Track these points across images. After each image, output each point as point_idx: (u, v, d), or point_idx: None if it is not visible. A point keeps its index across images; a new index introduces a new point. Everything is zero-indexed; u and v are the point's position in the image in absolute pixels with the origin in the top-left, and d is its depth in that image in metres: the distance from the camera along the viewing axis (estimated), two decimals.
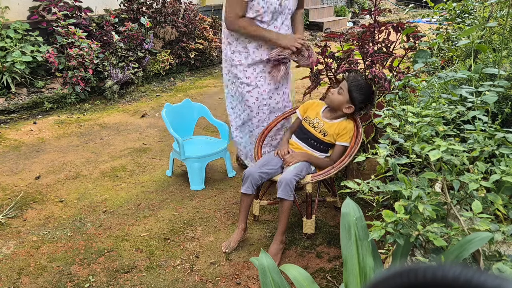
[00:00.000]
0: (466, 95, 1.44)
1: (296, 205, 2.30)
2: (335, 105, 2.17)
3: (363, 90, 2.13)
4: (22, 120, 3.96)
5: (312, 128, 2.21)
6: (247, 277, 1.94)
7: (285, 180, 1.99)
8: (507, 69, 1.77)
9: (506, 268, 0.89)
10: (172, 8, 5.49)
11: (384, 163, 1.17)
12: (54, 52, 4.35)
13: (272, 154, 2.24)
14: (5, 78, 4.16)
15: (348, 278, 1.06)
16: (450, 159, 1.10)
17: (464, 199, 1.12)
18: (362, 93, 2.13)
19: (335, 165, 2.12)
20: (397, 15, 10.60)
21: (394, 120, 1.31)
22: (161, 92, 4.95)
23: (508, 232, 0.96)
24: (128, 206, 2.54)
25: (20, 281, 1.90)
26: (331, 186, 2.42)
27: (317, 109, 2.27)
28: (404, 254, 1.08)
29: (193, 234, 2.26)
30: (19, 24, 4.35)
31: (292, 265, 1.17)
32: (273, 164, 2.17)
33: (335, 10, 9.98)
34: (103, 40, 4.79)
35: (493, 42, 2.34)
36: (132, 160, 3.16)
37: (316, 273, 1.96)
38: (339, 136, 2.17)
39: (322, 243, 2.18)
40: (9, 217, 2.39)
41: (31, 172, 2.95)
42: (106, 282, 1.90)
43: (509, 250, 1.04)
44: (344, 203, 1.19)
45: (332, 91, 2.18)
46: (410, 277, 0.33)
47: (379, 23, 2.45)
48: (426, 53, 2.00)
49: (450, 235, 1.00)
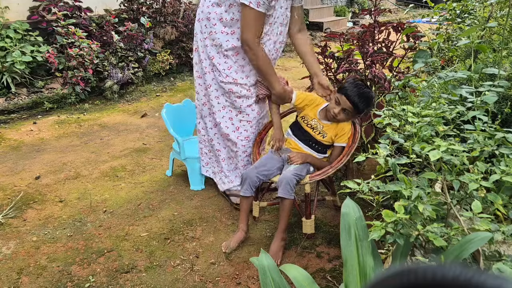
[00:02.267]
0: (466, 95, 1.44)
1: (295, 205, 2.30)
2: (341, 121, 2.13)
3: (368, 99, 2.04)
4: (22, 120, 3.96)
5: (311, 130, 2.19)
6: (247, 277, 1.94)
7: (285, 179, 1.99)
8: (507, 69, 1.77)
9: (506, 268, 0.89)
10: (172, 8, 5.49)
11: (384, 163, 1.17)
12: (54, 52, 4.35)
13: (270, 155, 2.23)
14: (5, 78, 4.16)
15: (348, 278, 1.06)
16: (450, 159, 1.10)
17: (464, 199, 1.12)
18: (368, 102, 2.06)
19: (332, 165, 2.12)
20: (397, 15, 10.60)
21: (394, 120, 1.31)
22: (161, 92, 4.95)
23: (508, 232, 0.96)
24: (128, 206, 2.54)
25: (20, 281, 1.90)
26: (330, 185, 2.42)
27: (316, 109, 2.22)
28: (404, 254, 1.08)
29: (193, 234, 2.26)
30: (19, 24, 4.35)
31: (292, 265, 1.17)
32: (270, 165, 2.16)
33: (335, 10, 9.98)
34: (103, 40, 4.78)
35: (493, 42, 2.34)
36: (132, 160, 3.16)
37: (316, 273, 1.96)
38: (337, 137, 2.16)
39: (322, 243, 2.18)
40: (9, 217, 2.39)
41: (31, 172, 2.95)
42: (106, 282, 1.90)
43: (509, 250, 1.04)
44: (344, 203, 1.19)
45: (337, 112, 2.06)
46: (410, 277, 0.33)
47: (379, 23, 2.45)
48: (426, 53, 2.00)
49: (450, 235, 1.00)
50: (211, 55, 2.25)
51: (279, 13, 2.17)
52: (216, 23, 2.17)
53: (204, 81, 2.36)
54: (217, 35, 2.18)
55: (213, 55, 2.24)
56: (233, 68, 2.23)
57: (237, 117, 2.35)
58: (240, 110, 2.33)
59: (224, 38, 2.18)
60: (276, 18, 2.17)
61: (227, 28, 2.16)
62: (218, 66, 2.24)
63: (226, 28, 2.16)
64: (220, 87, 2.29)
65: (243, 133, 2.37)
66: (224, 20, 2.14)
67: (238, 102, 2.30)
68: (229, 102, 2.32)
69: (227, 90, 2.27)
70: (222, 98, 2.32)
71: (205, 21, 2.21)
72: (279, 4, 2.14)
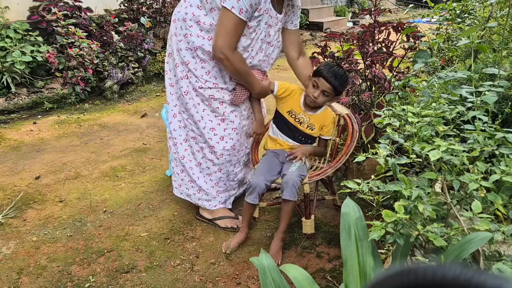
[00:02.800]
0: (466, 95, 1.44)
1: (295, 205, 2.30)
2: (321, 104, 2.13)
3: (343, 78, 2.06)
4: (22, 120, 3.96)
5: (299, 124, 2.16)
6: (247, 277, 1.94)
7: (291, 180, 1.97)
8: (507, 69, 1.78)
9: (506, 268, 0.89)
10: (172, 8, 5.48)
11: (384, 163, 1.17)
12: (54, 52, 4.35)
13: (271, 158, 2.19)
14: (5, 78, 4.16)
15: (348, 278, 1.06)
16: (450, 159, 1.10)
17: (464, 199, 1.12)
18: (344, 82, 2.08)
19: (331, 165, 2.12)
20: (397, 15, 10.60)
21: (394, 120, 1.31)
22: (161, 92, 4.95)
23: (508, 232, 0.96)
24: (128, 206, 2.53)
25: (20, 281, 1.90)
26: (329, 185, 2.42)
27: (298, 101, 2.18)
28: (404, 254, 1.08)
29: (193, 234, 2.26)
30: (19, 24, 4.35)
31: (292, 265, 1.17)
32: (275, 169, 2.14)
33: (335, 10, 9.98)
34: (103, 40, 4.78)
35: (493, 42, 2.34)
36: (132, 160, 3.16)
37: (316, 273, 1.96)
38: (323, 128, 2.18)
39: (322, 243, 2.18)
40: (9, 217, 2.39)
41: (31, 172, 2.95)
42: (106, 282, 1.90)
43: (509, 250, 1.04)
44: (344, 203, 1.19)
45: (316, 95, 2.05)
46: (410, 277, 0.33)
47: (379, 23, 2.45)
48: (426, 53, 2.00)
49: (450, 235, 1.00)
50: (186, 59, 2.04)
51: (262, 28, 2.00)
52: (192, 25, 1.98)
53: (177, 89, 2.15)
54: (193, 38, 1.98)
55: (188, 60, 2.04)
56: (211, 73, 2.05)
57: (220, 126, 2.13)
58: (223, 117, 2.12)
59: (199, 42, 1.98)
60: (259, 33, 2.00)
61: (203, 33, 1.97)
62: (195, 72, 2.04)
63: (203, 33, 1.97)
64: (199, 94, 2.08)
65: (229, 143, 2.17)
66: (202, 24, 1.96)
67: (221, 108, 2.11)
68: (210, 110, 2.12)
69: (208, 97, 2.07)
70: (201, 106, 2.11)
71: (180, 22, 2.02)
72: (264, 20, 1.98)
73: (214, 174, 2.25)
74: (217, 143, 2.15)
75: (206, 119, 2.13)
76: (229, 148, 2.18)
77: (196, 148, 2.22)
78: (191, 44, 2.00)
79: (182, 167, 2.29)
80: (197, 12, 1.96)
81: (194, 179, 2.27)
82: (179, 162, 2.29)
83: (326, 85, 2.03)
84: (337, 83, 2.03)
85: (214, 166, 2.23)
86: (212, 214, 2.34)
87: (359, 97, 2.49)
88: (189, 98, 2.11)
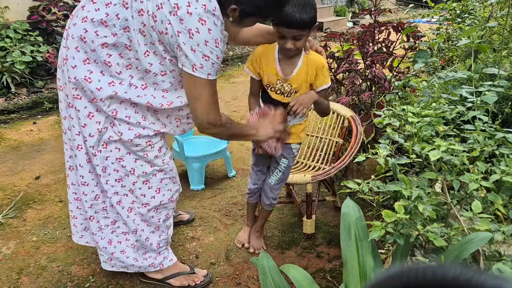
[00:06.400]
0: (466, 95, 1.44)
1: (296, 205, 2.30)
2: (301, 47, 1.66)
3: (306, 6, 1.52)
4: (22, 120, 3.96)
5: (282, 95, 1.76)
6: (247, 277, 1.94)
7: (268, 190, 2.01)
8: (507, 69, 1.78)
9: (506, 268, 0.89)
10: None
11: (384, 163, 1.17)
12: (54, 52, 4.35)
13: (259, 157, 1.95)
14: (5, 78, 4.16)
15: (348, 278, 1.06)
16: (450, 159, 1.10)
17: (464, 199, 1.12)
18: (308, 8, 1.52)
19: (335, 165, 2.12)
20: (397, 15, 10.60)
21: (394, 120, 1.31)
22: None
23: (508, 232, 0.96)
24: None
25: (20, 281, 1.90)
26: (330, 185, 2.42)
27: (272, 65, 1.73)
28: (404, 254, 1.08)
29: (193, 234, 2.26)
30: (19, 24, 4.35)
31: (292, 265, 1.17)
32: (263, 169, 2.03)
33: (335, 10, 9.98)
34: None
35: (493, 42, 2.34)
36: None
37: (316, 273, 1.96)
38: (315, 78, 1.73)
39: (322, 243, 2.18)
40: (9, 217, 2.39)
41: (31, 172, 2.95)
42: (106, 282, 1.90)
43: (509, 250, 1.04)
44: (344, 203, 1.19)
45: (289, 46, 1.59)
46: (410, 277, 0.33)
47: (379, 23, 2.45)
48: (426, 53, 2.00)
49: (450, 235, 1.00)
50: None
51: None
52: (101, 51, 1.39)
53: (80, 141, 1.60)
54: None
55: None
56: (139, 114, 1.51)
57: (156, 177, 1.65)
58: (161, 167, 1.64)
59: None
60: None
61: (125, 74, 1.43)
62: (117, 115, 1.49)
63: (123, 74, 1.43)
64: (122, 143, 1.54)
65: (167, 195, 1.71)
66: (118, 58, 1.40)
67: (156, 156, 1.62)
68: (141, 160, 1.59)
69: (135, 143, 1.54)
70: (127, 158, 1.57)
71: (78, 42, 1.40)
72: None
73: (152, 234, 1.79)
74: (152, 198, 1.70)
75: (135, 175, 1.64)
76: (166, 201, 1.74)
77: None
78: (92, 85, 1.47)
79: (112, 232, 1.78)
80: (110, 39, 1.39)
81: (129, 245, 1.79)
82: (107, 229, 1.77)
83: (291, 31, 1.56)
84: (302, 17, 1.51)
85: (150, 227, 1.77)
86: (163, 273, 1.89)
87: (359, 97, 2.49)
88: (108, 150, 1.57)
